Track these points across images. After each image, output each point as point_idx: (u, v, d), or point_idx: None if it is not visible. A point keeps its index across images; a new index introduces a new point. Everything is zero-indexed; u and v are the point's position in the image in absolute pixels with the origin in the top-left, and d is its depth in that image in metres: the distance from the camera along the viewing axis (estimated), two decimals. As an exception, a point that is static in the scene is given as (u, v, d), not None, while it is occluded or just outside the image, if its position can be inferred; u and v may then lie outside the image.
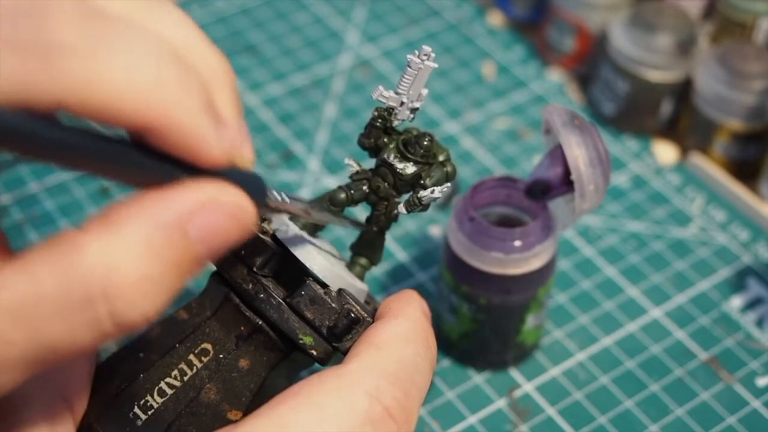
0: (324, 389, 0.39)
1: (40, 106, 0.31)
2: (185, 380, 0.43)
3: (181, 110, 0.33)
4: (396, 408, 0.40)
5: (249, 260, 0.43)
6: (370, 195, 0.46)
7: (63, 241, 0.33)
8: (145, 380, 0.43)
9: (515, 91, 0.74)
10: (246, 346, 0.44)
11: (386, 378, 0.40)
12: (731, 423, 0.55)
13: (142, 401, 0.43)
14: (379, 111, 0.45)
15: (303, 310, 0.43)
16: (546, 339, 0.58)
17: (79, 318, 0.32)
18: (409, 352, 0.41)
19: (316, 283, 0.43)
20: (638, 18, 0.68)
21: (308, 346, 0.43)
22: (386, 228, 0.47)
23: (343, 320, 0.43)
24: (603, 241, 0.64)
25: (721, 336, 0.59)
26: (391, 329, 0.42)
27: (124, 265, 0.33)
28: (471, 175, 0.68)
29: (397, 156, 0.45)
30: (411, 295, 0.45)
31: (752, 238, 0.64)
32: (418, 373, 0.42)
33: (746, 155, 0.67)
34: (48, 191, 0.65)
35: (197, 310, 0.45)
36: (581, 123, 0.49)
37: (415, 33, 0.79)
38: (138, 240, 0.33)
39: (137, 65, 0.32)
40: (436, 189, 0.44)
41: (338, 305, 0.43)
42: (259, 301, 0.43)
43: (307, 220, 0.45)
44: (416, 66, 0.43)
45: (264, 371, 0.44)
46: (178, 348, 0.43)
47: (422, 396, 0.42)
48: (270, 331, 0.44)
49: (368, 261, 0.47)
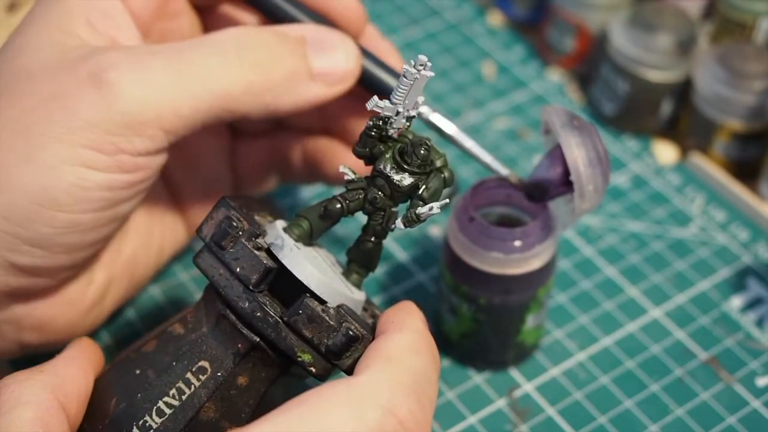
0: (334, 400, 0.39)
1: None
2: (183, 399, 0.43)
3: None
4: (411, 421, 0.40)
5: (244, 278, 0.42)
6: (366, 205, 0.45)
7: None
8: (143, 399, 0.43)
9: (515, 91, 0.74)
10: (244, 363, 0.43)
11: (400, 390, 0.40)
12: (731, 423, 0.55)
13: (141, 421, 0.42)
14: (374, 121, 0.44)
15: (301, 328, 0.42)
16: (546, 339, 0.58)
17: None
18: (419, 364, 0.41)
19: (313, 299, 0.42)
20: (638, 18, 0.68)
21: (307, 363, 0.42)
22: (383, 237, 0.46)
23: (341, 338, 0.42)
24: (603, 241, 0.64)
25: (721, 336, 0.59)
26: (400, 341, 0.42)
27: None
28: (471, 175, 0.68)
29: (393, 167, 0.44)
30: (411, 307, 0.45)
31: (752, 238, 0.64)
32: (428, 383, 0.41)
33: (746, 155, 0.67)
34: (48, 191, 0.65)
35: (193, 325, 0.44)
36: (581, 123, 0.49)
37: (415, 33, 0.79)
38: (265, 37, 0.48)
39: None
40: (434, 206, 0.43)
41: (336, 323, 0.42)
42: (256, 319, 0.42)
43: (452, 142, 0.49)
44: (412, 76, 0.42)
45: (263, 387, 0.44)
46: (176, 366, 0.43)
47: (433, 406, 0.42)
48: (268, 349, 0.43)
49: (364, 269, 0.47)
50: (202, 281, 0.60)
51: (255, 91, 0.46)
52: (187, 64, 0.45)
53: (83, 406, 0.43)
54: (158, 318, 0.58)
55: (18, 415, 0.40)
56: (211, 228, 0.43)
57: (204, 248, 0.44)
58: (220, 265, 0.43)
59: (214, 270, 0.43)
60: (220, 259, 0.43)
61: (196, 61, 0.45)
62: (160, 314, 0.59)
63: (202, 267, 0.43)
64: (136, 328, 0.58)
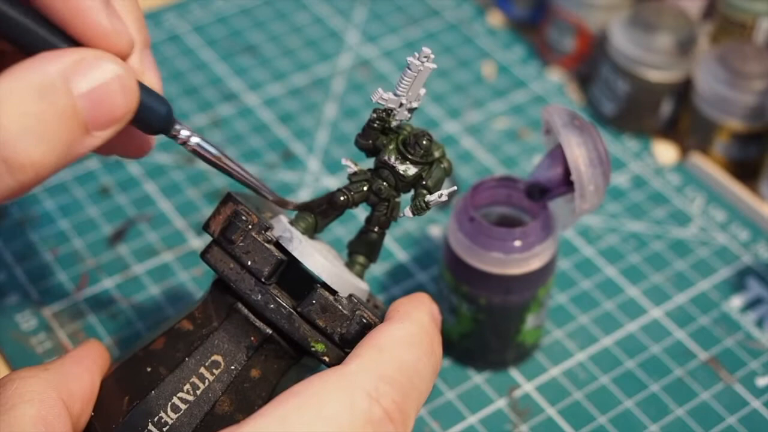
0: (326, 389, 0.39)
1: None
2: (198, 394, 0.43)
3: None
4: (395, 411, 0.40)
5: (256, 271, 0.43)
6: (370, 196, 0.46)
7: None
8: (157, 396, 0.43)
9: (515, 91, 0.74)
10: (257, 355, 0.44)
11: (385, 380, 0.40)
12: (731, 423, 0.55)
13: (156, 418, 0.42)
14: (378, 113, 0.45)
15: (314, 318, 0.43)
16: (546, 339, 0.58)
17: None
18: (410, 356, 0.41)
19: (325, 289, 0.43)
20: (638, 18, 0.68)
21: (320, 353, 0.43)
22: (387, 228, 0.47)
23: (355, 326, 0.43)
24: (603, 241, 0.64)
25: (721, 336, 0.59)
26: (396, 332, 0.42)
27: (9, 109, 0.35)
28: (471, 175, 0.68)
29: (398, 158, 0.45)
30: (422, 299, 0.45)
31: (752, 238, 0.64)
32: (418, 377, 0.41)
33: (746, 155, 0.67)
34: (48, 191, 0.65)
35: (202, 321, 0.44)
36: (581, 123, 0.49)
37: (415, 33, 0.79)
38: (23, 87, 0.36)
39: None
40: (443, 193, 0.44)
41: (349, 311, 0.43)
42: (270, 311, 0.43)
43: (220, 168, 0.44)
44: (416, 68, 0.43)
45: (275, 378, 0.44)
46: (188, 361, 0.43)
47: (422, 399, 0.42)
48: (281, 340, 0.44)
49: (366, 259, 0.47)
50: (202, 281, 0.61)
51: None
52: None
53: (87, 405, 0.44)
54: (158, 318, 0.58)
55: (21, 412, 0.40)
56: (220, 223, 0.44)
57: (212, 243, 0.44)
58: (230, 259, 0.43)
59: (223, 264, 0.43)
60: (230, 254, 0.43)
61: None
62: (160, 314, 0.59)
63: (211, 262, 0.44)
64: (136, 328, 0.58)
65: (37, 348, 0.56)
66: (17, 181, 0.36)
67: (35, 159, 0.36)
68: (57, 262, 0.61)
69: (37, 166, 0.36)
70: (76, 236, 0.63)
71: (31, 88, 0.36)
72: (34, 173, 0.36)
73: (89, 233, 0.63)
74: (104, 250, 0.62)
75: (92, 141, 0.38)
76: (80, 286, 0.60)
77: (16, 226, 0.63)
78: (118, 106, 0.38)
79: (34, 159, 0.36)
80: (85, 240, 0.62)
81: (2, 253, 0.61)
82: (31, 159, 0.36)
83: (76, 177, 0.66)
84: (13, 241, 0.62)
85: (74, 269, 0.61)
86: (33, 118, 0.36)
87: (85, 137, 0.38)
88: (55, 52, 0.37)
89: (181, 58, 0.76)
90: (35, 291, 0.59)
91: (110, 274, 0.61)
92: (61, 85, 0.37)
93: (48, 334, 0.57)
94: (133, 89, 0.39)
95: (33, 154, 0.36)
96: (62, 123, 0.37)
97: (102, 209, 0.64)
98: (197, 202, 0.65)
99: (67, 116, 0.37)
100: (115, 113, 0.38)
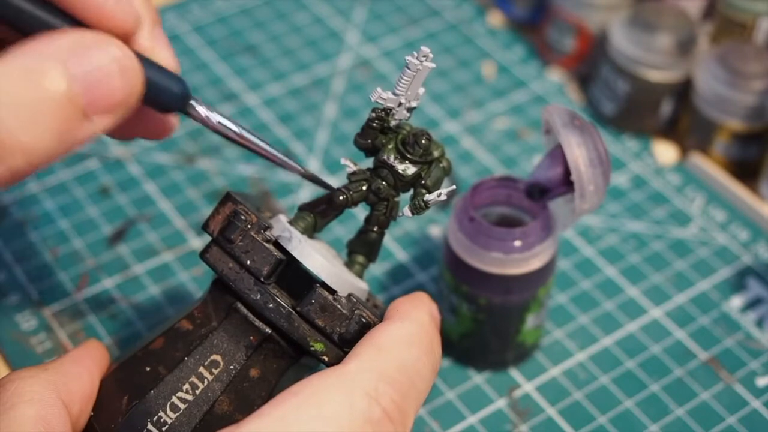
0: (325, 388, 0.39)
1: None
2: (197, 393, 0.43)
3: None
4: (394, 411, 0.40)
5: (255, 270, 0.43)
6: (369, 195, 0.46)
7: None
8: (156, 396, 0.43)
9: (515, 91, 0.74)
10: (256, 355, 0.44)
11: (384, 380, 0.40)
12: (731, 423, 0.55)
13: (156, 417, 0.43)
14: (377, 112, 0.45)
15: (314, 318, 0.43)
16: (546, 339, 0.58)
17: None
18: (409, 356, 0.41)
19: (324, 289, 0.43)
20: (638, 18, 0.68)
21: (319, 352, 0.43)
22: (386, 227, 0.47)
23: (354, 326, 0.43)
24: (603, 241, 0.64)
25: (721, 336, 0.59)
26: (395, 332, 0.42)
27: (2, 92, 0.34)
28: (471, 175, 0.68)
29: (397, 157, 0.45)
30: (421, 298, 0.45)
31: (752, 238, 0.64)
32: (417, 376, 0.41)
33: (746, 155, 0.67)
34: (48, 191, 0.65)
35: (201, 321, 0.44)
36: (581, 123, 0.49)
37: (415, 33, 0.79)
38: (15, 70, 0.35)
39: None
40: (442, 192, 0.44)
41: (348, 311, 0.43)
42: (269, 311, 0.43)
43: (242, 145, 0.44)
44: (414, 67, 0.43)
45: (274, 378, 0.44)
46: (187, 361, 0.43)
47: (421, 399, 0.42)
48: (280, 340, 0.44)
49: (366, 259, 0.47)
50: (202, 281, 0.61)
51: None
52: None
53: (87, 405, 0.44)
54: (158, 318, 0.58)
55: (20, 412, 0.40)
56: (219, 222, 0.44)
57: (211, 243, 0.44)
58: (230, 258, 0.43)
59: (222, 264, 0.43)
60: (229, 253, 0.43)
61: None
62: (160, 314, 0.59)
63: (210, 262, 0.44)
64: (136, 328, 0.58)
65: (37, 348, 0.56)
66: (7, 167, 0.35)
67: (25, 143, 0.35)
68: (57, 262, 0.61)
69: (28, 151, 0.35)
70: (76, 236, 0.63)
71: (22, 71, 0.35)
72: (25, 159, 0.35)
73: (89, 233, 0.63)
74: (104, 250, 0.62)
75: (93, 126, 0.37)
76: (80, 286, 0.60)
77: (16, 226, 0.63)
78: (117, 89, 0.37)
79: (23, 142, 0.35)
80: (85, 240, 0.62)
81: (2, 253, 0.61)
82: (21, 143, 0.35)
83: (76, 177, 0.66)
84: (13, 241, 0.62)
85: (74, 269, 0.61)
86: (23, 102, 0.35)
87: (83, 122, 0.36)
88: (52, 34, 0.36)
89: (181, 58, 0.76)
90: (35, 291, 0.59)
91: (110, 274, 0.61)
92: (55, 68, 0.35)
93: (48, 334, 0.57)
94: (134, 72, 0.37)
95: (22, 137, 0.35)
96: (55, 107, 0.36)
97: (102, 209, 0.64)
98: (197, 202, 0.65)
99: (60, 100, 0.36)
100: (114, 97, 0.37)
